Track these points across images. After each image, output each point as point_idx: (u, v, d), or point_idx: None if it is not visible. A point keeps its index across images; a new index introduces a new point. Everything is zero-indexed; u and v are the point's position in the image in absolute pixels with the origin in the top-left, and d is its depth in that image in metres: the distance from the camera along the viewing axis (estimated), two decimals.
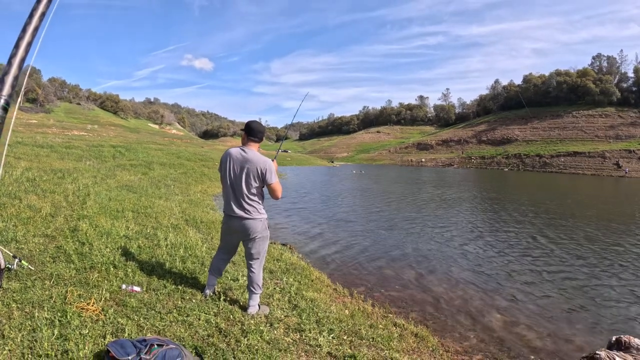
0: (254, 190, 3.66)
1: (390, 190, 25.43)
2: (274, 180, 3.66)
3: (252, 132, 3.73)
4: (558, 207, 18.21)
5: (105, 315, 3.22)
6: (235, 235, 3.87)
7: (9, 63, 2.69)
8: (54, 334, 2.79)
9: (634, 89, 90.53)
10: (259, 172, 3.60)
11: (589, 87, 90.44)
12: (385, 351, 3.67)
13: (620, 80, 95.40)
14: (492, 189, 29.04)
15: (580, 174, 63.68)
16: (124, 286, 3.85)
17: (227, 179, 3.69)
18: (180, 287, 4.09)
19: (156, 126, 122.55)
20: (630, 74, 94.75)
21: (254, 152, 3.68)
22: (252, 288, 3.87)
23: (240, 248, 4.19)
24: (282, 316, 3.94)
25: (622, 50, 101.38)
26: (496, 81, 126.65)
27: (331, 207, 15.91)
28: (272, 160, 3.78)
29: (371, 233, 10.84)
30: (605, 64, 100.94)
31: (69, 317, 3.05)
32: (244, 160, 3.63)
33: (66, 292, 3.51)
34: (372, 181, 34.92)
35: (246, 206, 3.67)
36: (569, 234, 11.42)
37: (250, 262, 3.84)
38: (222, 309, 3.75)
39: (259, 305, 3.94)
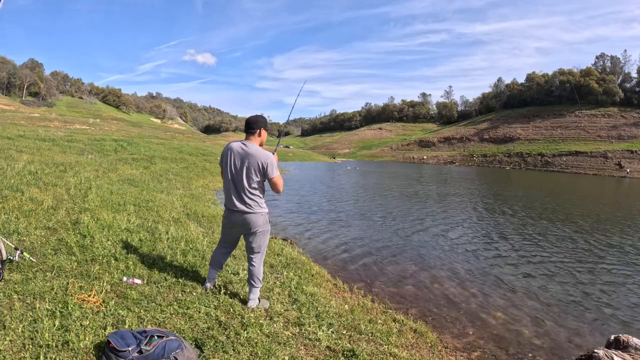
0: (255, 185, 3.66)
1: (386, 187, 25.42)
2: (275, 174, 3.66)
3: (247, 125, 3.74)
4: (558, 207, 18.19)
5: (106, 307, 3.24)
6: (236, 229, 3.87)
7: None
8: (54, 325, 2.81)
9: (637, 89, 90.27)
10: (260, 166, 3.60)
11: (592, 86, 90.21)
12: (384, 346, 3.69)
13: (623, 80, 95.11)
14: (494, 188, 29.00)
15: (582, 173, 63.60)
16: (124, 278, 3.87)
17: (228, 173, 3.70)
18: (180, 280, 4.11)
19: (158, 120, 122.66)
20: (634, 74, 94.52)
21: (255, 146, 3.67)
22: (252, 282, 3.88)
23: (241, 242, 4.21)
24: (282, 310, 3.96)
25: (625, 51, 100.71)
26: (499, 79, 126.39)
27: (331, 203, 15.92)
28: (273, 154, 3.78)
29: (371, 229, 10.85)
30: (608, 63, 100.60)
31: (70, 308, 3.07)
32: (245, 154, 3.63)
33: (67, 283, 3.52)
34: (365, 178, 34.91)
35: (247, 200, 3.67)
36: (569, 233, 11.42)
37: (251, 255, 3.86)
38: (222, 302, 3.77)
39: (259, 299, 3.96)
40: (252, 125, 3.72)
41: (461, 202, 18.85)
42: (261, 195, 3.76)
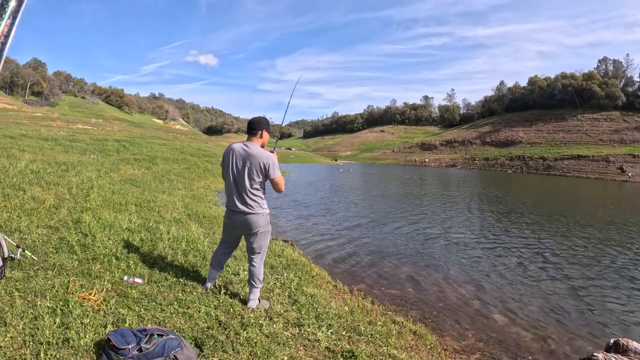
0: (256, 185, 3.67)
1: (386, 190, 25.42)
2: (276, 174, 3.68)
3: (249, 126, 3.77)
4: (559, 209, 18.17)
5: (106, 306, 3.26)
6: (237, 229, 3.89)
7: None
8: (55, 323, 2.82)
9: (639, 93, 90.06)
10: (262, 166, 3.62)
11: (594, 90, 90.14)
12: (384, 347, 3.69)
13: (625, 84, 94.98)
14: (494, 190, 28.97)
15: (583, 177, 63.41)
16: (125, 277, 3.88)
17: (230, 173, 3.72)
18: (181, 280, 4.12)
19: (160, 121, 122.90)
20: (636, 78, 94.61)
21: (256, 147, 3.69)
22: (252, 282, 3.89)
23: (242, 242, 4.22)
24: (282, 311, 3.96)
25: (628, 55, 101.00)
26: (501, 83, 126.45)
27: (331, 204, 15.93)
28: (272, 152, 3.80)
29: (372, 231, 10.85)
30: (611, 67, 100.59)
31: (70, 306, 3.08)
32: (247, 155, 3.65)
33: (68, 282, 3.54)
34: (363, 180, 34.91)
35: (249, 201, 3.69)
36: (569, 236, 11.40)
37: (252, 256, 3.87)
38: (222, 302, 3.78)
39: (259, 299, 3.97)
40: (254, 127, 3.74)
41: (461, 205, 18.84)
42: (262, 196, 3.77)
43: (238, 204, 3.71)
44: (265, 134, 3.80)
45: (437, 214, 15.24)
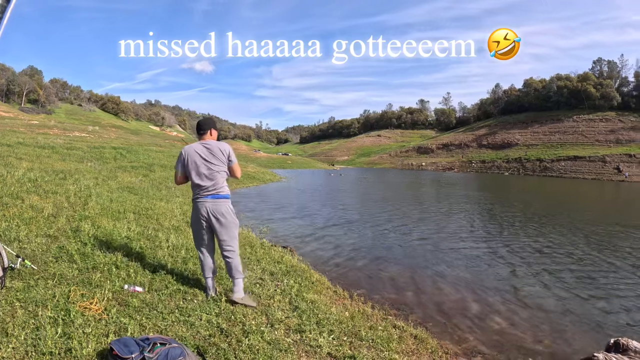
0: None
1: (382, 195, 25.45)
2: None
3: (200, 126, 4.16)
4: (558, 213, 18.23)
5: (108, 315, 3.26)
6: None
7: None
8: (57, 333, 2.82)
9: (634, 93, 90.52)
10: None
11: (589, 91, 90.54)
12: (385, 352, 3.70)
13: (620, 84, 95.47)
14: (491, 193, 29.05)
15: (580, 178, 63.59)
16: (126, 286, 3.88)
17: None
18: (181, 288, 4.12)
19: (157, 128, 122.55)
20: (631, 79, 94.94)
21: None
22: (234, 275, 4.10)
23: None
24: (283, 317, 3.97)
25: (622, 55, 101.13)
26: (497, 85, 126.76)
27: (328, 210, 15.94)
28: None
29: (370, 236, 10.87)
30: (605, 68, 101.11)
31: (72, 316, 3.09)
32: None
33: (69, 291, 3.54)
34: (356, 185, 34.95)
35: None
36: (568, 237, 11.43)
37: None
38: (223, 310, 3.78)
39: (243, 291, 4.12)
40: (203, 127, 4.10)
41: (461, 209, 18.88)
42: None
43: None
44: (214, 132, 4.16)
45: (435, 217, 15.27)
